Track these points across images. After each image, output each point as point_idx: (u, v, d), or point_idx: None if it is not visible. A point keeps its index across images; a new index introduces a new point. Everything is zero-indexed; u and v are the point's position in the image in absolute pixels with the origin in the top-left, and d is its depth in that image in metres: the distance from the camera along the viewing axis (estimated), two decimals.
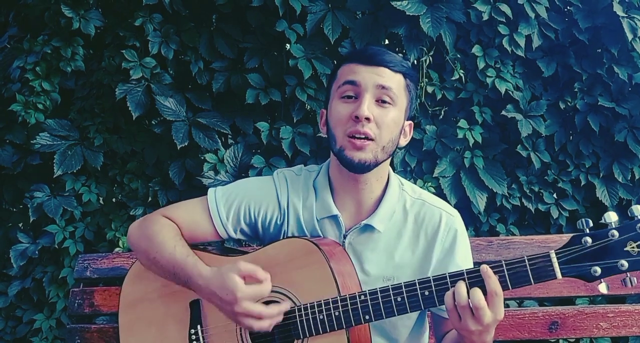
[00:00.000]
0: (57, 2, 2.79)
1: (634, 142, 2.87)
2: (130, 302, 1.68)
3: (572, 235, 1.33)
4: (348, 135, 1.50)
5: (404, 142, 1.63)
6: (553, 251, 1.32)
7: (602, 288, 1.31)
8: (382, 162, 1.55)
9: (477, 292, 1.32)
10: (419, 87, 2.86)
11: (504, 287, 1.34)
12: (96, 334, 2.11)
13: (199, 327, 1.57)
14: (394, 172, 1.70)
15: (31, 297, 3.13)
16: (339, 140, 1.52)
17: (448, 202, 2.79)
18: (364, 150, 1.49)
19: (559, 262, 1.31)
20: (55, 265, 3.08)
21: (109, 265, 2.15)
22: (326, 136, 1.61)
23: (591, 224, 1.32)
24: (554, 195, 2.97)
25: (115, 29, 2.91)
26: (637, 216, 1.27)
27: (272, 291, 1.50)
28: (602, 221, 1.30)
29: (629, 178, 2.91)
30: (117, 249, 2.93)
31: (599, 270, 1.29)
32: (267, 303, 1.50)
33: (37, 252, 3.04)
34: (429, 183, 2.83)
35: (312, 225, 1.62)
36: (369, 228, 1.60)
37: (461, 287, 1.34)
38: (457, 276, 1.37)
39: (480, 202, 2.84)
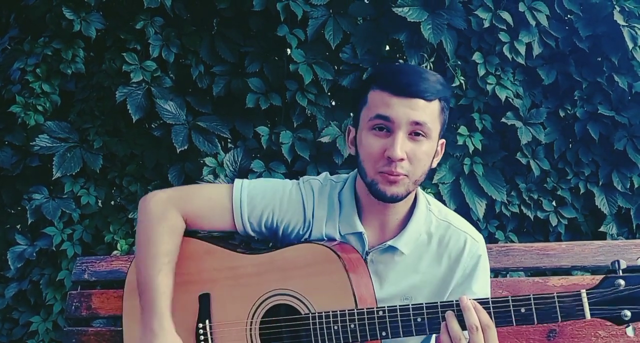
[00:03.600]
0: (59, 4, 2.79)
1: (634, 151, 2.88)
2: (134, 288, 1.64)
3: (605, 276, 1.27)
4: (380, 172, 1.45)
5: (435, 162, 1.56)
6: (584, 291, 1.29)
7: (630, 331, 1.28)
8: (412, 191, 1.52)
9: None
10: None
11: (530, 321, 1.31)
12: (93, 337, 2.09)
13: (207, 321, 1.56)
14: None
15: (28, 299, 3.12)
16: (370, 174, 1.47)
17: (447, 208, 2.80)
18: (397, 185, 1.45)
19: (589, 303, 1.28)
20: (52, 268, 3.07)
21: (106, 268, 2.14)
22: (353, 154, 1.56)
23: (624, 266, 1.28)
24: (553, 203, 2.97)
25: (116, 31, 2.91)
26: None
27: (287, 295, 1.49)
28: (636, 264, 1.29)
29: (628, 186, 2.91)
30: (115, 252, 2.92)
31: (629, 314, 1.26)
32: (279, 306, 1.50)
33: (34, 254, 3.03)
34: (428, 190, 2.82)
35: (334, 240, 1.59)
36: (392, 249, 1.57)
37: (452, 319, 1.33)
38: (481, 303, 1.34)
39: (479, 209, 2.84)
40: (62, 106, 3.00)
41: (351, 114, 2.90)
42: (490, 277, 1.65)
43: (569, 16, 2.95)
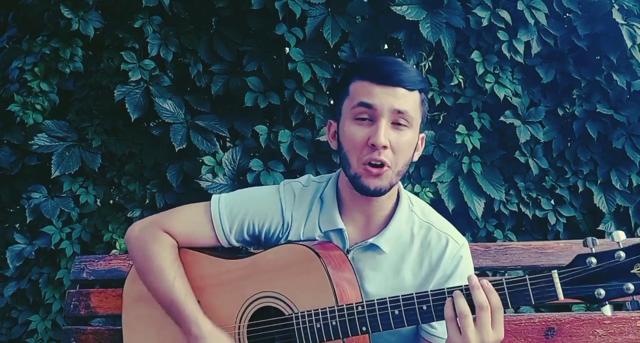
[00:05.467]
0: (57, 3, 2.79)
1: (632, 149, 2.88)
2: (132, 300, 1.68)
3: (577, 255, 1.26)
4: (364, 163, 1.45)
5: (416, 156, 1.57)
6: (556, 271, 1.27)
7: (607, 310, 1.24)
8: (395, 183, 1.52)
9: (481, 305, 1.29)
10: None
11: (504, 305, 1.30)
12: (92, 336, 2.09)
13: None
14: None
15: (27, 298, 3.12)
16: (354, 166, 1.47)
17: (446, 207, 2.80)
18: (380, 178, 1.45)
19: (561, 283, 1.26)
20: (51, 267, 3.07)
21: (105, 267, 2.14)
22: (335, 149, 1.56)
23: (598, 243, 1.25)
24: (552, 202, 2.97)
25: (114, 30, 2.91)
26: None
27: (271, 297, 1.49)
28: (610, 239, 1.24)
29: (626, 185, 2.91)
30: (114, 251, 2.92)
31: (603, 292, 1.23)
32: (266, 308, 1.50)
33: (33, 253, 3.03)
34: (427, 189, 2.82)
35: (314, 239, 1.58)
36: (373, 247, 1.56)
37: (461, 297, 1.31)
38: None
39: (478, 207, 2.84)
40: (61, 105, 3.01)
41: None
42: (488, 276, 1.65)
43: (567, 15, 2.95)
